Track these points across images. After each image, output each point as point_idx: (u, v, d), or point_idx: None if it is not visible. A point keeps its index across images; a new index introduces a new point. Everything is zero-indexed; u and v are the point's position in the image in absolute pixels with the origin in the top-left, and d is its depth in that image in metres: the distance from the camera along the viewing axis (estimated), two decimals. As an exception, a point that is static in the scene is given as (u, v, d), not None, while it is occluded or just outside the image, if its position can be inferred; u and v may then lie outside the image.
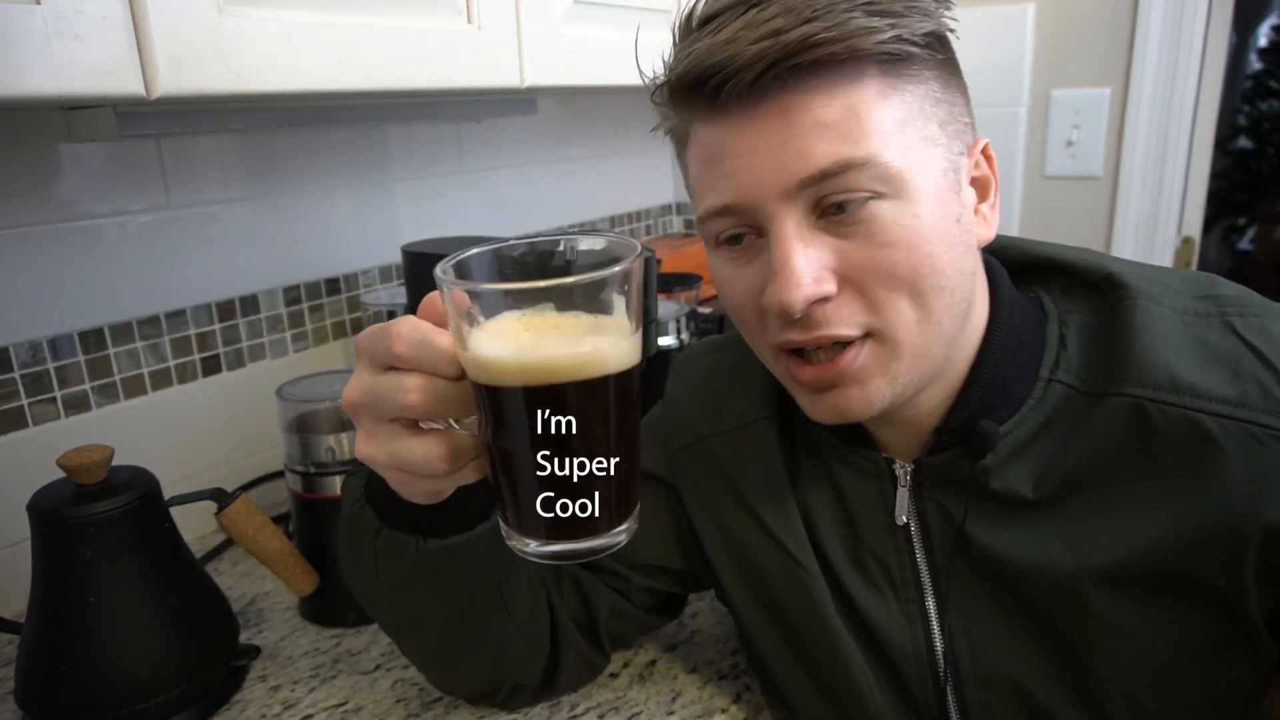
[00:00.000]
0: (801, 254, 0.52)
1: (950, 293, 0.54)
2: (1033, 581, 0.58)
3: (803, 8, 0.49)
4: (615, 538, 0.48)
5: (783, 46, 0.48)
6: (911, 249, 0.52)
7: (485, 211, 1.40)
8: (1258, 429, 0.52)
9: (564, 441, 0.45)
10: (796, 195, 0.51)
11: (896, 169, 0.51)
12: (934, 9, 0.53)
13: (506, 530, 0.48)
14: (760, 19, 0.49)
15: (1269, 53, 4.29)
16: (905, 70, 0.52)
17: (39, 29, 0.55)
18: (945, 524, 0.61)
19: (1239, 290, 0.59)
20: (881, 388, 0.55)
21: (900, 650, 0.63)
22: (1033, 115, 1.56)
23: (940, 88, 0.54)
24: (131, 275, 0.99)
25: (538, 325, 0.44)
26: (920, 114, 0.53)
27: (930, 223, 0.52)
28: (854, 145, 0.50)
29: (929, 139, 0.53)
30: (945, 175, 0.54)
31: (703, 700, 0.77)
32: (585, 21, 0.99)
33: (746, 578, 0.70)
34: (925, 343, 0.54)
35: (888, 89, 0.51)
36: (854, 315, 0.53)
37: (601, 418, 0.46)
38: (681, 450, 0.73)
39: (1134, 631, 0.56)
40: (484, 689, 0.73)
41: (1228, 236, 4.43)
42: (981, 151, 0.58)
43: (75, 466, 0.72)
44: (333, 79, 0.73)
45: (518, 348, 0.44)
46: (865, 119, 0.50)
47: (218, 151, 1.05)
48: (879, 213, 0.51)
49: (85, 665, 0.71)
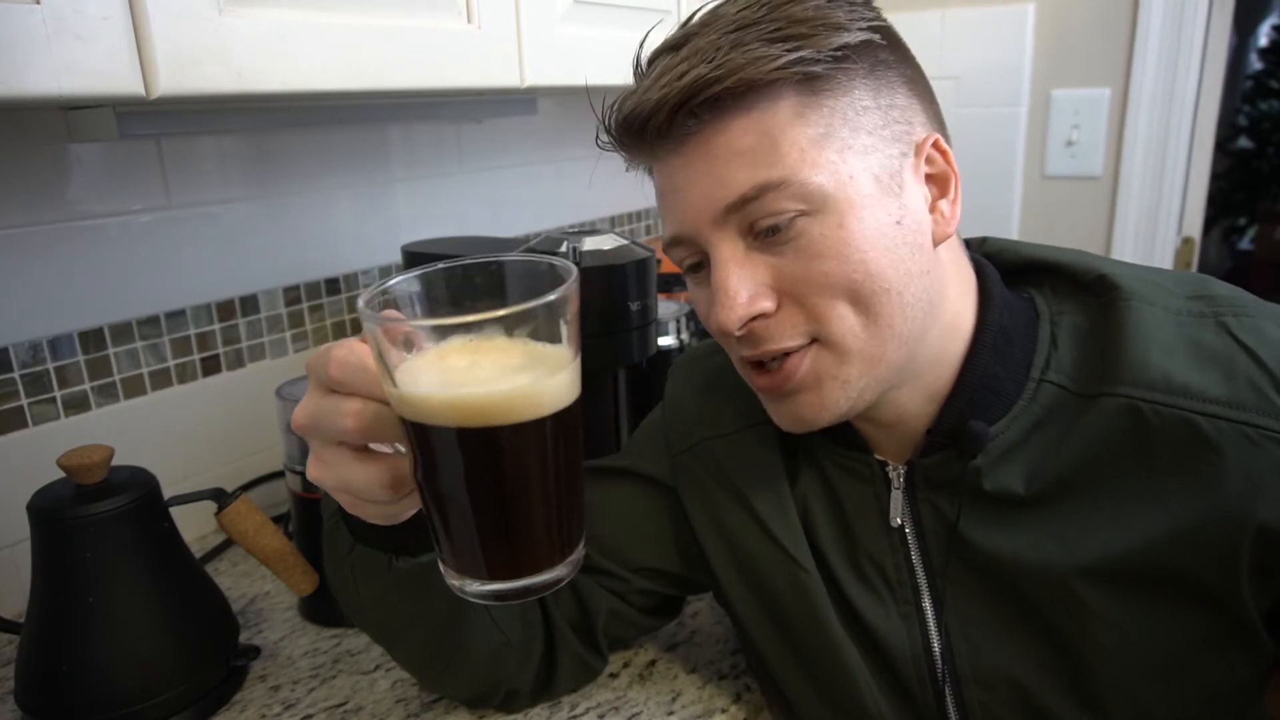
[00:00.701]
0: (735, 275, 0.55)
1: (897, 295, 0.55)
2: (1028, 580, 0.58)
3: (708, 48, 0.52)
4: (556, 573, 0.46)
5: (679, 91, 0.52)
6: (842, 258, 0.53)
7: (485, 211, 1.40)
8: (1251, 429, 0.52)
9: (499, 483, 0.43)
10: (726, 221, 0.55)
11: (816, 185, 0.53)
12: (848, 21, 0.53)
13: (444, 569, 0.46)
14: (673, 63, 0.53)
15: (1269, 53, 4.29)
16: (823, 87, 0.53)
17: (39, 29, 0.55)
18: (940, 525, 0.61)
19: (1232, 291, 0.59)
20: (834, 392, 0.57)
21: (898, 651, 0.63)
22: (1033, 115, 1.56)
23: (869, 94, 0.55)
24: (131, 275, 0.99)
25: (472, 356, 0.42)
26: (844, 125, 0.54)
27: (860, 230, 0.53)
28: (770, 168, 0.53)
29: (857, 148, 0.54)
30: (878, 181, 0.55)
31: (703, 700, 0.77)
32: (585, 21, 0.99)
33: (746, 578, 0.70)
34: (875, 346, 0.56)
35: (804, 108, 0.53)
36: (796, 327, 0.56)
37: (539, 458, 0.43)
38: (682, 453, 0.73)
39: (1130, 629, 0.56)
40: (477, 694, 0.73)
41: (1228, 236, 4.43)
42: (933, 147, 0.57)
43: (75, 466, 0.72)
44: (333, 79, 0.73)
45: (446, 384, 0.41)
46: (780, 141, 0.53)
47: (218, 151, 1.05)
48: (806, 228, 0.54)
49: (85, 665, 0.71)
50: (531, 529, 0.45)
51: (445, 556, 0.46)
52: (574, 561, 0.47)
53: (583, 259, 0.86)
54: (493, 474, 0.43)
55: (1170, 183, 1.52)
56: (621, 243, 0.90)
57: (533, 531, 0.45)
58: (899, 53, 0.58)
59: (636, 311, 0.89)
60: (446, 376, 0.42)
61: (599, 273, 0.86)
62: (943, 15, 1.58)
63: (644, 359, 0.93)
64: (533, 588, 0.45)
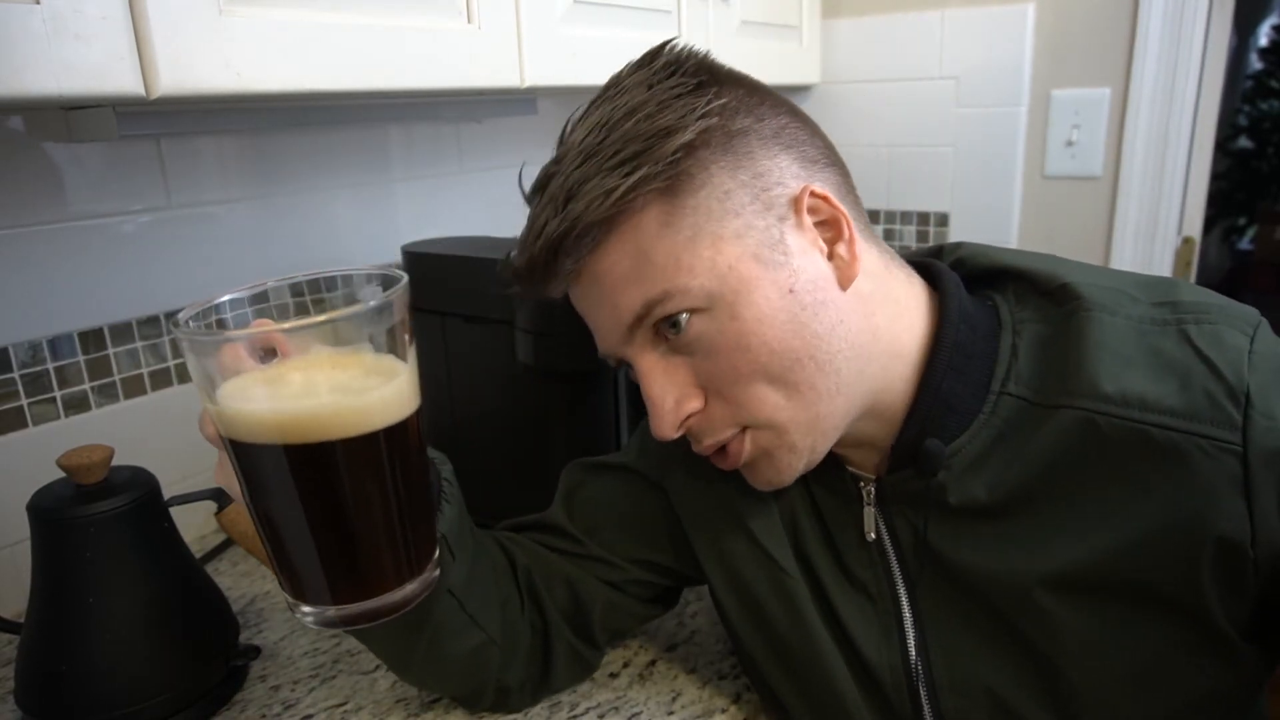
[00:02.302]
0: (659, 385, 0.57)
1: (810, 360, 0.55)
2: (997, 592, 0.58)
3: (558, 195, 0.54)
4: (406, 592, 0.44)
5: (544, 246, 0.55)
6: (743, 349, 0.54)
7: (485, 211, 1.40)
8: (1205, 441, 0.52)
9: (334, 502, 0.41)
10: (634, 336, 0.57)
11: (698, 287, 0.54)
12: (678, 121, 0.53)
13: (286, 599, 0.44)
14: (537, 213, 0.56)
15: (1269, 53, 4.29)
16: (680, 188, 0.54)
17: (39, 29, 0.55)
18: (913, 538, 0.61)
19: (1200, 295, 0.57)
20: (784, 457, 0.58)
21: (878, 660, 0.64)
22: (1033, 115, 1.56)
23: (727, 175, 0.54)
24: (131, 275, 0.99)
25: (301, 372, 0.40)
26: (710, 218, 0.54)
27: (754, 315, 0.54)
28: (652, 283, 0.54)
29: (728, 236, 0.54)
30: (758, 260, 0.54)
31: (703, 700, 0.77)
32: (585, 21, 0.99)
33: (733, 582, 0.70)
34: (806, 411, 0.56)
35: (667, 215, 0.54)
36: (724, 420, 0.57)
37: (375, 473, 0.41)
38: (672, 459, 0.73)
39: (1099, 640, 0.56)
40: (465, 693, 0.73)
41: (1228, 236, 4.43)
42: (811, 195, 0.56)
43: (75, 466, 0.72)
44: (333, 79, 0.73)
45: (268, 398, 0.40)
46: (653, 255, 0.54)
47: (218, 151, 1.05)
48: (701, 329, 0.55)
49: (85, 665, 0.71)
50: (374, 548, 0.43)
51: (283, 582, 0.44)
52: (426, 580, 0.45)
53: (582, 259, 0.86)
54: (326, 493, 0.41)
55: (1170, 183, 1.51)
56: (621, 243, 0.90)
57: (375, 551, 0.43)
58: (745, 117, 0.56)
59: (636, 311, 0.89)
60: (271, 390, 0.40)
61: (599, 273, 0.86)
62: (943, 15, 1.58)
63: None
64: (381, 609, 0.44)
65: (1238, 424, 0.51)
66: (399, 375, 0.42)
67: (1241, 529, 0.51)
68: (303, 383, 0.40)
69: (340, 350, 0.41)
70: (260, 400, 0.40)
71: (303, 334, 0.39)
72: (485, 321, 0.96)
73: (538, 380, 0.95)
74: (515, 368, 0.95)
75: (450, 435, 1.06)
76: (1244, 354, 0.53)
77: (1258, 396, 0.52)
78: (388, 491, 0.42)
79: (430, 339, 1.03)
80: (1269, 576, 0.53)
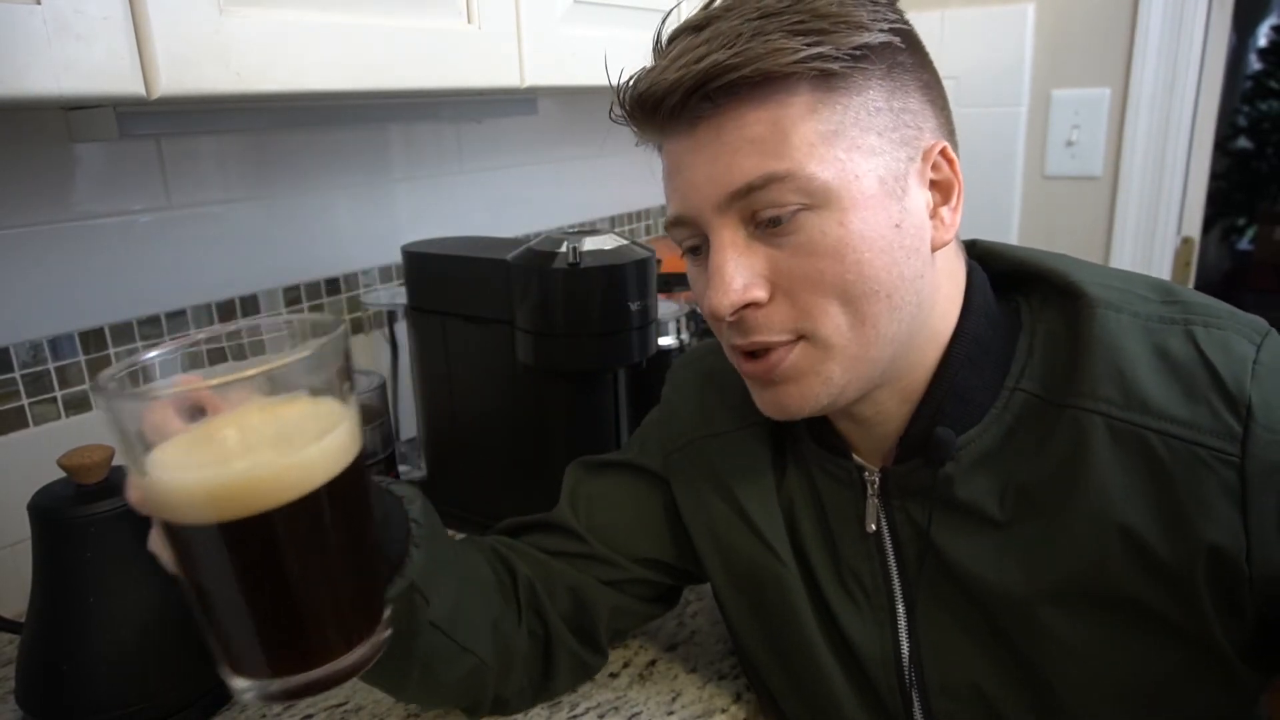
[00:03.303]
0: (733, 262, 0.55)
1: (886, 298, 0.55)
2: (990, 596, 0.58)
3: (730, 33, 0.52)
4: (355, 658, 0.41)
5: (695, 75, 0.52)
6: (838, 257, 0.53)
7: (485, 211, 1.40)
8: (1203, 450, 0.51)
9: (274, 574, 0.38)
10: (729, 208, 0.55)
11: (821, 181, 0.53)
12: (870, 20, 0.53)
13: (222, 672, 0.41)
14: (693, 45, 0.53)
15: (1269, 53, 4.29)
16: (838, 84, 0.53)
17: (39, 29, 0.55)
18: (914, 533, 0.61)
19: (1207, 300, 0.58)
20: (815, 386, 0.57)
21: (870, 656, 0.64)
22: (1033, 115, 1.56)
23: (883, 96, 0.55)
24: (132, 275, 0.99)
25: (233, 429, 0.37)
26: (855, 125, 0.54)
27: (860, 230, 0.53)
28: (778, 159, 0.53)
29: (865, 148, 0.54)
30: (882, 183, 0.54)
31: (703, 700, 0.77)
32: (585, 21, 0.99)
33: (731, 573, 0.70)
34: (860, 346, 0.56)
35: (817, 103, 0.53)
36: (784, 322, 0.56)
37: (318, 539, 0.38)
38: (675, 451, 0.74)
39: (1090, 655, 0.56)
40: (465, 706, 0.72)
41: (1227, 236, 4.43)
42: (940, 154, 0.57)
43: (75, 466, 0.72)
44: (333, 79, 0.73)
45: (201, 469, 0.36)
46: (791, 134, 0.53)
47: (218, 151, 1.06)
48: (807, 223, 0.53)
49: (85, 665, 0.71)
50: (318, 616, 0.40)
51: (217, 653, 0.40)
52: (375, 643, 0.42)
53: (583, 259, 0.86)
54: (268, 566, 0.38)
55: (1170, 183, 1.52)
56: (622, 243, 0.90)
57: (319, 619, 0.40)
58: (917, 57, 0.57)
59: (636, 311, 0.89)
60: (201, 455, 0.36)
61: (599, 273, 0.87)
62: (943, 15, 1.58)
63: (644, 359, 0.93)
64: (328, 678, 0.40)
65: (1237, 435, 0.51)
66: (341, 422, 0.39)
67: (1236, 542, 0.51)
68: (237, 440, 0.37)
69: (274, 399, 0.37)
70: (191, 469, 0.37)
71: (234, 388, 0.37)
72: (485, 321, 0.96)
73: (538, 380, 0.95)
74: (515, 368, 0.95)
75: (450, 435, 1.06)
76: (1248, 364, 0.53)
77: (1260, 409, 0.51)
78: (331, 554, 0.40)
79: (430, 339, 1.03)
80: (1265, 597, 0.52)
